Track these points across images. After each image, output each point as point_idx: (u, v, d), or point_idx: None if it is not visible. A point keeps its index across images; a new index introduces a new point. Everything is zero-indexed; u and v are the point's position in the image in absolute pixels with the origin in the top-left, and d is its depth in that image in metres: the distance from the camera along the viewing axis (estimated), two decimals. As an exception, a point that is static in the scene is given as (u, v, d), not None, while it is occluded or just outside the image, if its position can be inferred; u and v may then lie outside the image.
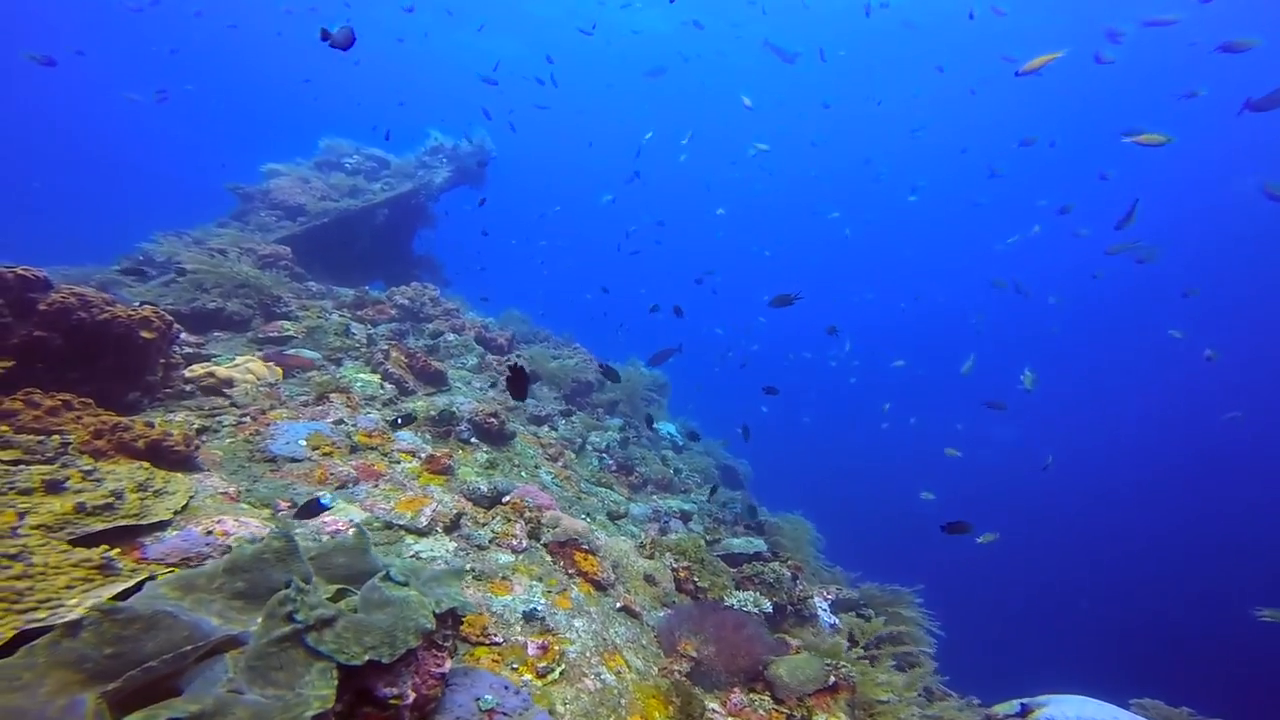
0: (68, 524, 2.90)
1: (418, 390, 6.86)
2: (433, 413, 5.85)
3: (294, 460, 4.66)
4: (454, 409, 5.94)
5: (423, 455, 5.26)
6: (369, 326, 8.11)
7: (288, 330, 7.54)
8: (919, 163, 35.68)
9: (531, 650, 3.29)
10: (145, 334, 4.96)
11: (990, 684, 5.79)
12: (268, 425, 5.04)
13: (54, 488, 3.05)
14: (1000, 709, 4.45)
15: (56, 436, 3.54)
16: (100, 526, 2.98)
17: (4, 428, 3.40)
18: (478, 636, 3.34)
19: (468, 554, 4.10)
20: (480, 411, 6.07)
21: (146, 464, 3.70)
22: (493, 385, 7.81)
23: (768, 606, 4.78)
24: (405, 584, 2.38)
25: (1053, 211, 13.50)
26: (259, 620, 2.25)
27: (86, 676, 1.75)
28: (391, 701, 2.14)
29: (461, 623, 3.06)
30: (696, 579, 4.92)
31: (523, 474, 5.89)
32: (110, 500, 3.13)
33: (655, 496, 7.78)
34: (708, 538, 6.44)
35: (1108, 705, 4.35)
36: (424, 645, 2.38)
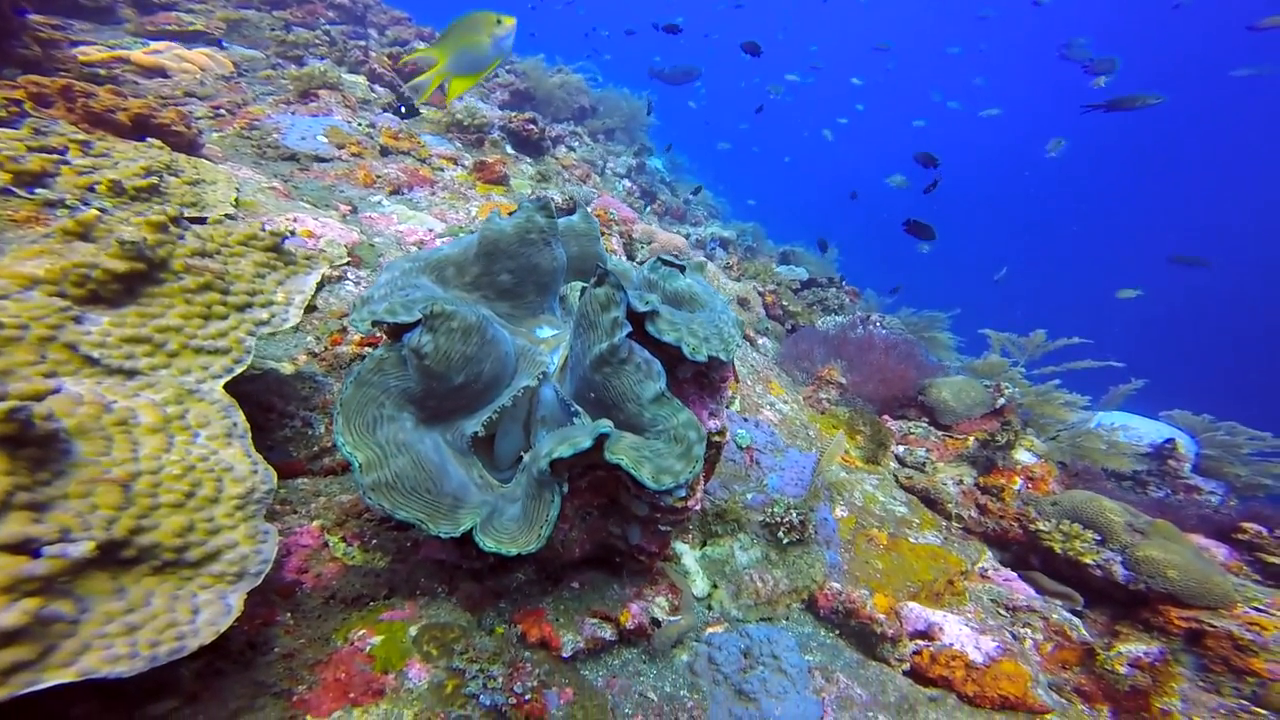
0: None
1: (413, 97, 5.50)
2: (458, 117, 4.71)
3: (321, 159, 3.63)
4: (481, 113, 4.81)
5: (465, 163, 4.31)
6: (323, 26, 6.18)
7: (192, 24, 5.56)
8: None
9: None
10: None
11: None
12: (260, 119, 3.83)
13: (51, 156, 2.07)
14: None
15: None
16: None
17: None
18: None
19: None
20: (515, 118, 4.97)
21: (158, 142, 2.66)
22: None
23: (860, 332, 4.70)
24: (683, 269, 1.83)
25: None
26: (551, 328, 1.69)
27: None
28: (715, 439, 1.73)
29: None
30: (785, 303, 4.69)
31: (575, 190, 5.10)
32: (151, 180, 2.21)
33: (675, 227, 7.29)
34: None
35: (1146, 419, 4.58)
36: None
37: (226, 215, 2.43)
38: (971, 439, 3.43)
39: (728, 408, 2.81)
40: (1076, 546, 2.67)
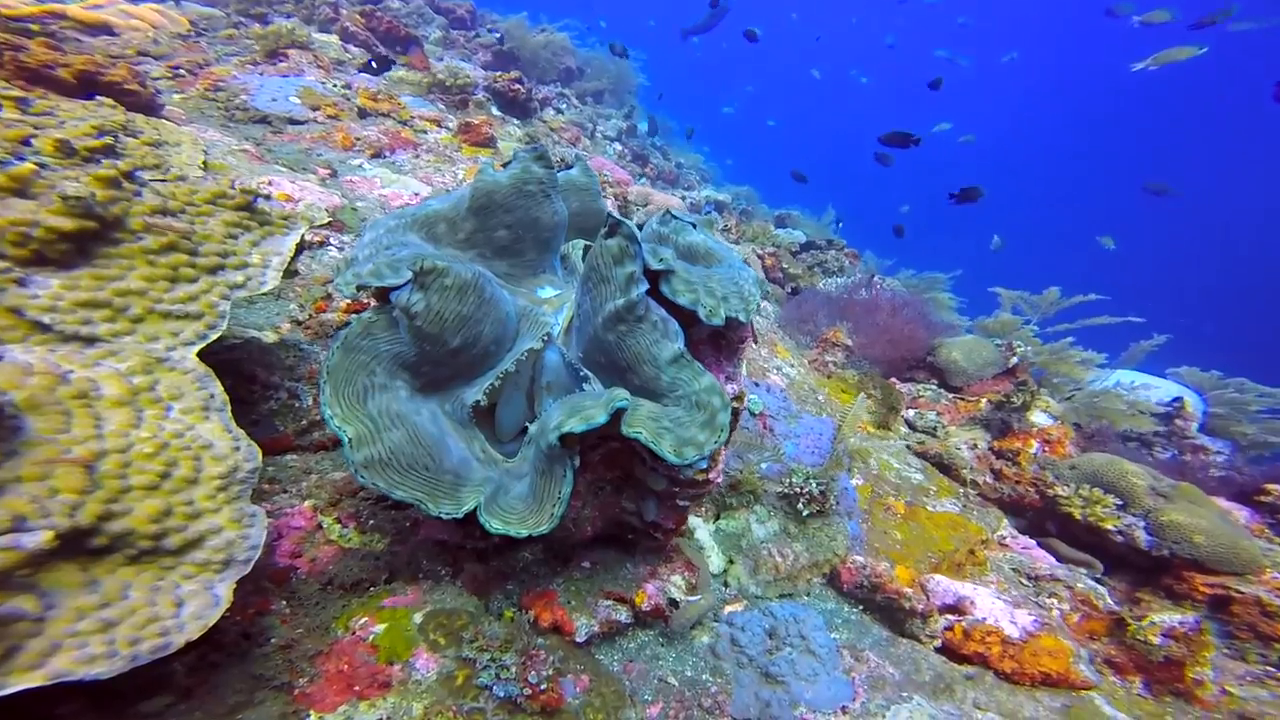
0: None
1: (393, 58, 5.21)
2: (440, 77, 4.46)
3: (295, 122, 3.40)
4: (464, 73, 4.57)
5: (449, 124, 4.09)
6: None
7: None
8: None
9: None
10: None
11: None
12: (225, 79, 3.58)
13: None
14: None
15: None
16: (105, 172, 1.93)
17: None
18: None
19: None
20: (500, 78, 4.73)
21: (110, 101, 2.43)
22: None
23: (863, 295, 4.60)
24: (694, 225, 1.68)
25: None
26: (553, 288, 1.54)
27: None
28: (732, 404, 1.60)
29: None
30: (785, 266, 4.57)
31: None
32: (106, 140, 2.00)
33: (668, 191, 7.11)
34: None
35: (1154, 376, 4.48)
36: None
37: (196, 178, 2.24)
38: (984, 401, 3.34)
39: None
40: (1097, 512, 2.60)
